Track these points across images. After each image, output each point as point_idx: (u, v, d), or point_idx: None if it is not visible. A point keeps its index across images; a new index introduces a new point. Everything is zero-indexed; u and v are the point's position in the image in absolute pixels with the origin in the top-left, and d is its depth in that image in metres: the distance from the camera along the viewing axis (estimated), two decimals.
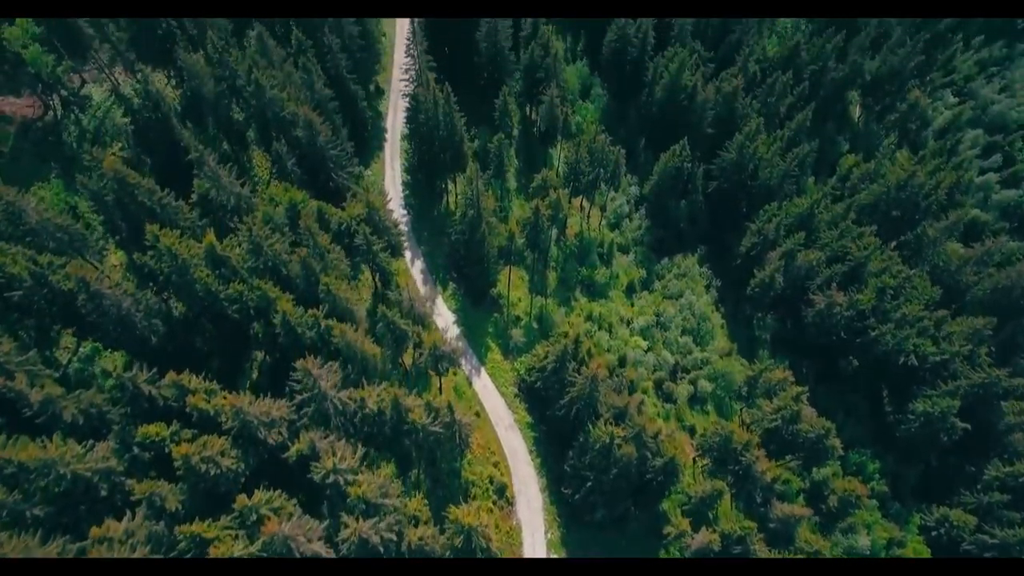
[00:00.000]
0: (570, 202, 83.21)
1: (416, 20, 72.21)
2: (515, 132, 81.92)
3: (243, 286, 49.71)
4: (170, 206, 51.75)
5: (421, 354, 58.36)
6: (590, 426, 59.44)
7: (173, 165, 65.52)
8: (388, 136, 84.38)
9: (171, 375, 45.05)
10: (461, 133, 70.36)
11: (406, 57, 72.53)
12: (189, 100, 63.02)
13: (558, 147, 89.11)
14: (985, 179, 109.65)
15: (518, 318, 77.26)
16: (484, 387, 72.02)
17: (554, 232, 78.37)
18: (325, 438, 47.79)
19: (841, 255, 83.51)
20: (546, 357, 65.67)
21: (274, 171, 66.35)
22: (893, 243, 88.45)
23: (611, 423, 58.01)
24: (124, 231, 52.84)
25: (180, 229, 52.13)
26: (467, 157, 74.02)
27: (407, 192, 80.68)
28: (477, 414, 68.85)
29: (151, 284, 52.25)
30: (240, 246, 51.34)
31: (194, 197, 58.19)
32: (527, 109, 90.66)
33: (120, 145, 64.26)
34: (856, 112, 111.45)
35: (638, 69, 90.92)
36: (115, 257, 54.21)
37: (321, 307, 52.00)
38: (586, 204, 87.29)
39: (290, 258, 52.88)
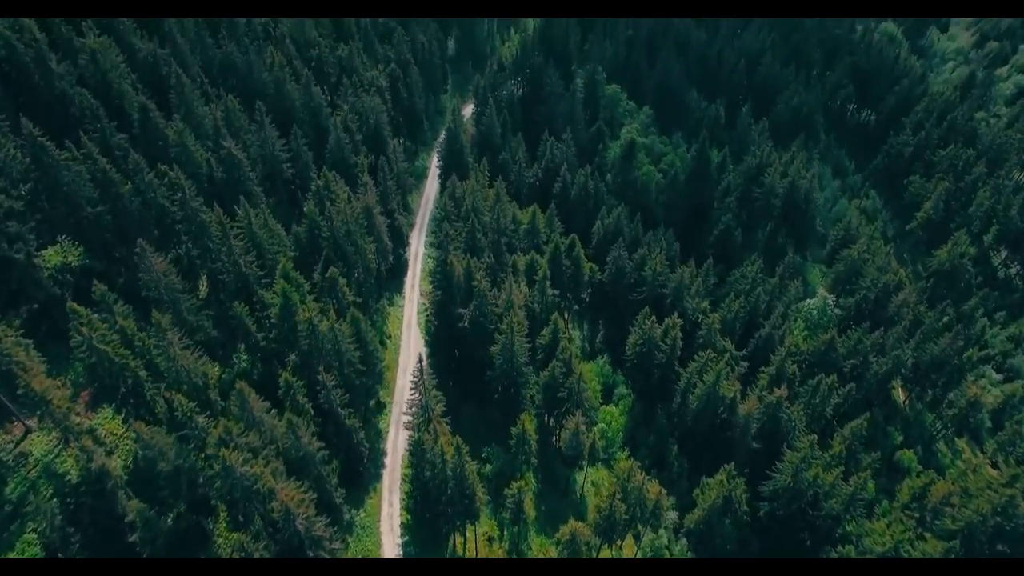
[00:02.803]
0: (599, 547, 68.49)
1: (425, 351, 64.58)
2: (533, 457, 70.43)
3: None
4: None
5: None
6: None
7: (111, 539, 52.51)
8: (387, 461, 72.09)
9: None
10: (474, 487, 58.26)
11: (412, 392, 63.37)
12: (142, 468, 52.00)
13: (584, 471, 77.05)
14: None
15: None
16: None
17: None
18: None
19: None
20: None
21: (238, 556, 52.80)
22: None
23: None
24: None
25: None
26: (479, 510, 61.00)
27: (407, 537, 66.13)
28: None
29: None
30: None
31: None
32: (545, 418, 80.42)
33: (42, 524, 51.25)
34: (900, 396, 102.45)
35: (667, 372, 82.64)
36: None
37: None
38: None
39: None
